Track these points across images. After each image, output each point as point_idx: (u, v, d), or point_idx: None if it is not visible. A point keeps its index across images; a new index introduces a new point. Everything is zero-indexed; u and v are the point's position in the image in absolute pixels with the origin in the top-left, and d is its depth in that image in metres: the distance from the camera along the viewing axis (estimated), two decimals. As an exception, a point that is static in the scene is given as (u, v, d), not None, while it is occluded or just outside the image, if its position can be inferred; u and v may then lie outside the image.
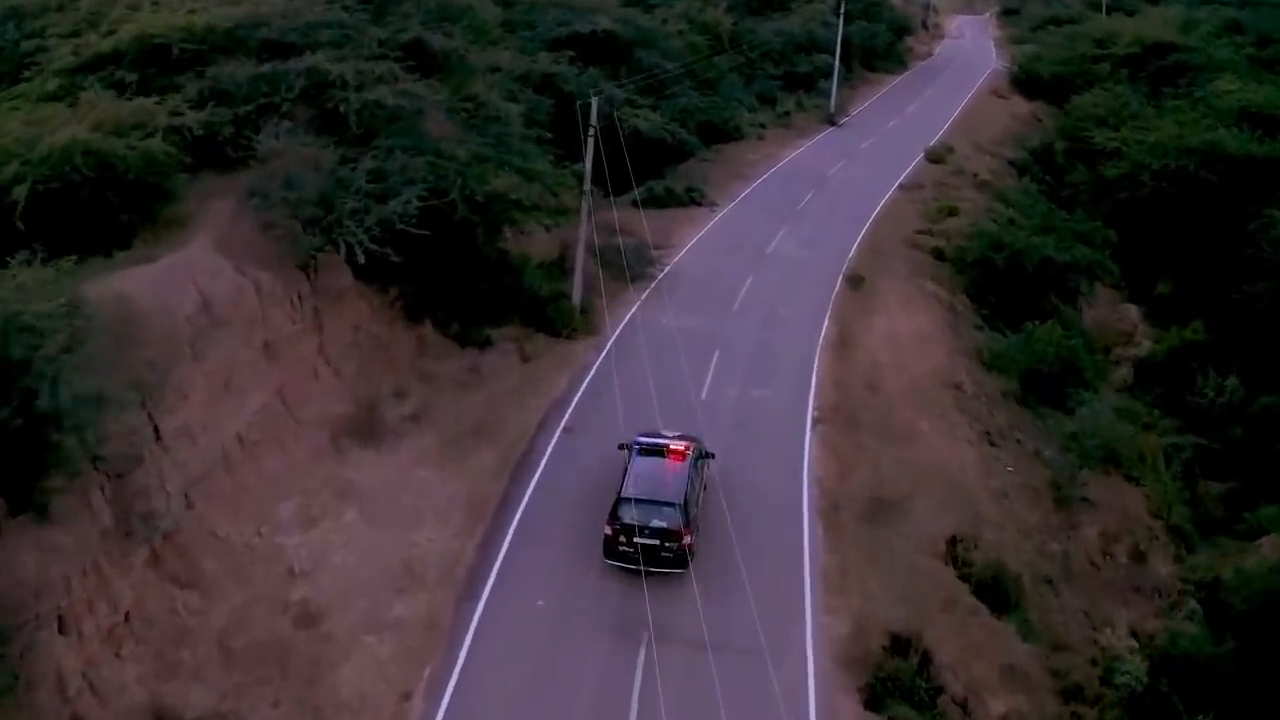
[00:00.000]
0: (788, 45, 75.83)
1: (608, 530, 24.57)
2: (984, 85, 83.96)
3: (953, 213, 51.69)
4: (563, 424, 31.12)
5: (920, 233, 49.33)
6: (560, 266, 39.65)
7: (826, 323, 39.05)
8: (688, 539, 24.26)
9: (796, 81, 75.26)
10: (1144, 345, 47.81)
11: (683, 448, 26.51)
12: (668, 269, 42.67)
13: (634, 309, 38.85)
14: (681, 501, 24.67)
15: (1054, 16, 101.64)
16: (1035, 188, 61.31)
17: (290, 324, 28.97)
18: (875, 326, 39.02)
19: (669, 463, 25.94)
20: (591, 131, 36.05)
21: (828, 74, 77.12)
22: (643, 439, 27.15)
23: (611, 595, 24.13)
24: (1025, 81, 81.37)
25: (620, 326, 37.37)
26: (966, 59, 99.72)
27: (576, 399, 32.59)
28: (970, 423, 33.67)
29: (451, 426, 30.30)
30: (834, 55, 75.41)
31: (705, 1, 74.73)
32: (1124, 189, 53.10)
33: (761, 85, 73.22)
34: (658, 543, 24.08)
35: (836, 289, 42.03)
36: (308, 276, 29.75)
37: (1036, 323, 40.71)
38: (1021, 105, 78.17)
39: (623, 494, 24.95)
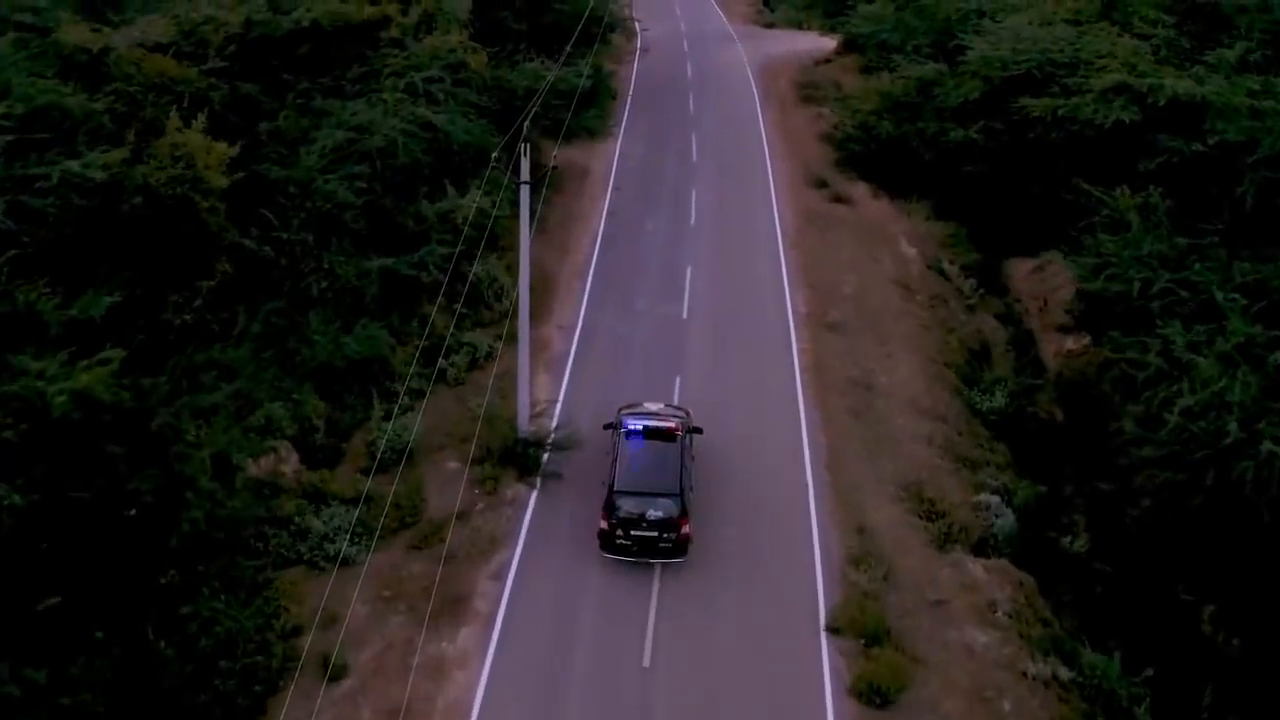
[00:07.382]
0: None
1: (603, 524, 23.37)
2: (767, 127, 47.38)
3: None
4: None
5: None
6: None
7: None
8: (686, 528, 23.28)
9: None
10: None
11: (673, 426, 24.88)
12: None
13: None
14: (678, 490, 23.56)
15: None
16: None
17: None
18: None
19: (660, 445, 24.44)
20: None
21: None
22: (631, 420, 25.24)
23: None
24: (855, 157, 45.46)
25: None
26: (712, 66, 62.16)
27: None
28: None
29: None
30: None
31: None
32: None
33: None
34: (656, 534, 23.06)
35: None
36: None
37: None
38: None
39: (616, 486, 23.67)
